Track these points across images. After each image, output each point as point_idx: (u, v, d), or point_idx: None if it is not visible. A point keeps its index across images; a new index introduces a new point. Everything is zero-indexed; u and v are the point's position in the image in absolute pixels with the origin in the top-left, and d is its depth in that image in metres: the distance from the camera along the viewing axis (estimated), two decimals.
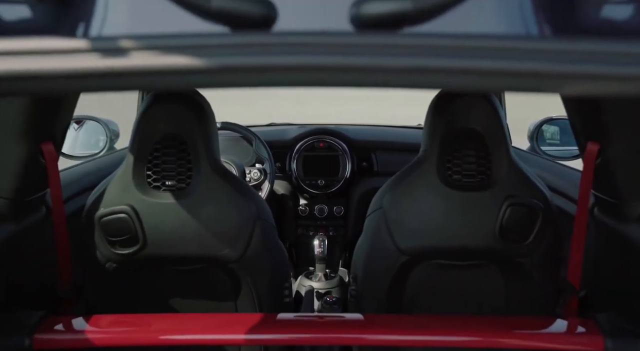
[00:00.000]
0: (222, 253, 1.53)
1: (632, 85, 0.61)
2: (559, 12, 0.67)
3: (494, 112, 1.47)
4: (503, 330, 1.42)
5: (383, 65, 0.62)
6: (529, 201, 1.48)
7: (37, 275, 1.50)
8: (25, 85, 0.67)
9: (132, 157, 1.47)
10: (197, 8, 0.61)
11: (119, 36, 0.66)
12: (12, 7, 0.67)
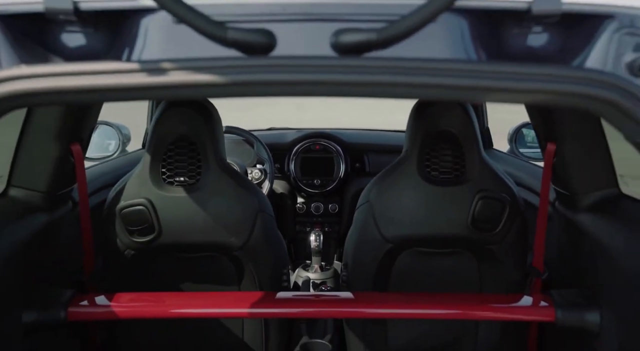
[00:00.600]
0: (227, 241, 1.73)
1: (533, 96, 0.83)
2: (486, 43, 0.88)
3: (467, 116, 1.67)
4: (476, 305, 1.62)
5: (354, 80, 0.83)
6: (497, 195, 1.68)
7: (65, 260, 1.70)
8: (83, 97, 0.88)
9: (149, 156, 1.67)
10: (216, 38, 0.82)
11: (156, 59, 0.87)
12: (76, 36, 0.88)
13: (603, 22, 0.86)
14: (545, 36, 0.90)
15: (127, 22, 0.89)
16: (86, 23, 0.87)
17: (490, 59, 0.89)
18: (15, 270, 1.40)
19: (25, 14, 0.86)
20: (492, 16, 0.89)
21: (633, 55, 0.85)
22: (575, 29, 0.88)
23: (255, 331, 1.85)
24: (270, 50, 0.83)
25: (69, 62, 0.87)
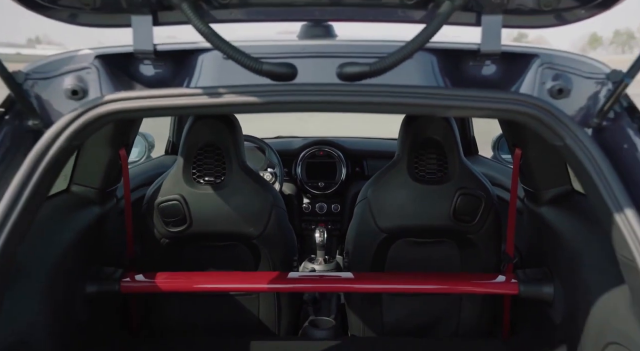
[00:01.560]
0: (247, 231, 2.05)
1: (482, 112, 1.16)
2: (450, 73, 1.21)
3: (449, 126, 2.00)
4: (457, 282, 1.94)
5: (353, 100, 1.16)
6: (475, 191, 2.00)
7: (113, 245, 2.02)
8: (157, 113, 1.21)
9: (182, 160, 2.00)
10: (254, 69, 1.14)
11: (209, 85, 1.20)
12: (152, 69, 1.21)
13: (531, 59, 1.20)
14: (491, 68, 1.23)
15: (189, 58, 1.22)
16: (160, 59, 1.21)
17: (452, 85, 1.22)
18: (78, 251, 1.73)
19: (119, 54, 1.20)
20: (453, 54, 1.22)
21: (551, 83, 1.18)
22: (512, 63, 1.21)
23: (269, 310, 2.17)
24: (293, 79, 1.16)
25: (147, 88, 1.20)
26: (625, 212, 1.08)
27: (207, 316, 2.15)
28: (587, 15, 1.14)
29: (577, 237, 1.65)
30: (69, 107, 1.18)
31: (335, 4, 1.21)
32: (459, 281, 1.95)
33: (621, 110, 1.17)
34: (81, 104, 1.17)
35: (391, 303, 2.17)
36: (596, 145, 1.14)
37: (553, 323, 1.72)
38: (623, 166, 1.13)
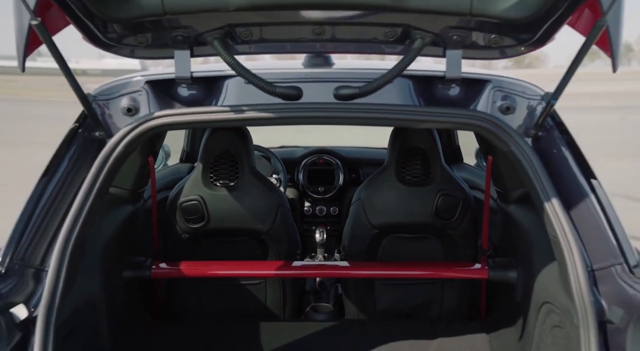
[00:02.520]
0: (256, 227, 2.36)
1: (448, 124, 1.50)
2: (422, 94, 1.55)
3: (431, 136, 2.32)
4: (438, 269, 2.26)
5: (346, 116, 1.49)
6: (453, 193, 2.32)
7: (142, 238, 2.34)
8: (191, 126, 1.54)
9: (201, 165, 2.32)
10: (269, 91, 1.46)
11: (234, 104, 1.53)
12: (188, 91, 1.55)
13: (485, 84, 1.53)
14: (455, 90, 1.57)
15: (218, 82, 1.55)
16: (195, 84, 1.54)
17: (424, 104, 1.55)
18: (117, 242, 2.05)
19: (163, 80, 1.53)
20: (424, 79, 1.56)
21: (501, 102, 1.51)
22: (471, 87, 1.55)
23: (275, 296, 2.48)
24: (299, 99, 1.49)
25: (185, 106, 1.53)
26: (552, 199, 1.41)
27: (221, 302, 2.45)
28: (525, 51, 1.48)
29: (532, 229, 1.97)
30: (125, 121, 1.51)
31: (333, 40, 1.55)
32: (440, 269, 2.27)
33: (553, 124, 1.51)
34: (134, 119, 1.51)
35: (382, 292, 2.48)
36: (533, 151, 1.47)
37: (517, 302, 2.04)
38: (552, 166, 1.46)
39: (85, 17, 1.38)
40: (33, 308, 1.35)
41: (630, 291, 1.34)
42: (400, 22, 1.46)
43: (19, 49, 1.35)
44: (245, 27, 1.49)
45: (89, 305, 1.67)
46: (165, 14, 1.37)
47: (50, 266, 1.39)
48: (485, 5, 1.35)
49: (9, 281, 1.40)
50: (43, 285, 1.40)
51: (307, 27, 1.51)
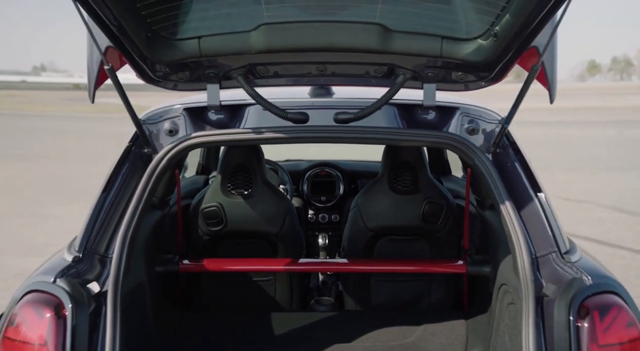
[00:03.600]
0: (267, 230, 2.73)
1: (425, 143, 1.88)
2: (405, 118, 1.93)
3: (419, 151, 2.69)
4: (426, 265, 2.62)
5: (343, 136, 1.88)
6: (438, 200, 2.68)
7: (167, 239, 2.70)
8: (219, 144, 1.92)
9: (219, 176, 2.69)
10: (282, 116, 1.84)
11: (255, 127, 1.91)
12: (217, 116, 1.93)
13: (455, 110, 1.92)
14: (431, 115, 1.95)
15: (241, 109, 1.94)
16: (223, 110, 1.93)
17: (406, 126, 1.93)
18: (151, 242, 2.41)
19: (198, 107, 1.92)
20: (406, 106, 1.94)
21: (467, 125, 1.90)
22: (444, 112, 1.93)
23: (283, 291, 2.84)
24: (306, 122, 1.87)
25: (215, 128, 1.92)
26: (506, 202, 1.78)
27: (236, 295, 2.81)
28: (485, 86, 1.87)
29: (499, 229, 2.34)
30: (168, 141, 1.90)
31: (333, 75, 1.94)
32: (426, 265, 2.63)
33: (507, 143, 1.89)
34: (175, 139, 1.89)
35: (377, 287, 2.84)
36: (492, 164, 1.85)
37: (489, 291, 2.40)
38: (507, 176, 1.83)
39: (140, 60, 1.77)
40: (102, 285, 1.72)
41: (560, 271, 1.71)
42: (386, 62, 1.85)
43: (90, 85, 1.74)
44: (263, 65, 1.87)
45: (138, 288, 2.04)
46: (201, 56, 1.76)
47: (114, 255, 1.76)
48: (452, 50, 1.74)
49: (85, 265, 1.77)
50: (107, 268, 1.77)
51: (313, 65, 1.89)
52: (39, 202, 8.68)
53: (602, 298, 1.56)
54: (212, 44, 1.75)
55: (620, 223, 7.31)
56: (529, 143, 10.92)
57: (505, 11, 1.59)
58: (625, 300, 1.58)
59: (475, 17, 1.70)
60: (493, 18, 1.65)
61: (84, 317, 1.59)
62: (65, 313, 1.57)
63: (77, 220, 6.97)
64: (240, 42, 1.75)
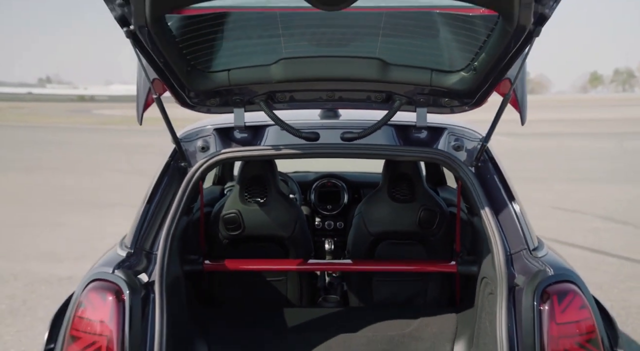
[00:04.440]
0: (280, 234, 3.06)
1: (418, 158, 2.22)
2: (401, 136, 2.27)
3: (415, 164, 3.03)
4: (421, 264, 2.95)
5: (348, 152, 2.22)
6: (432, 208, 3.01)
7: (191, 242, 3.04)
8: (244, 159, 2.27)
9: (238, 186, 3.03)
10: (297, 135, 2.18)
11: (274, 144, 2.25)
12: (242, 135, 2.28)
13: (443, 130, 2.26)
14: (423, 134, 2.29)
15: (262, 129, 2.29)
16: (247, 130, 2.27)
17: (402, 144, 2.28)
18: (180, 243, 2.75)
19: (226, 127, 2.27)
20: (402, 126, 2.28)
21: (453, 143, 2.24)
22: (434, 132, 2.27)
23: (294, 289, 3.16)
24: (317, 140, 2.21)
25: (240, 146, 2.26)
26: (486, 208, 2.12)
27: (252, 293, 3.14)
28: (469, 109, 2.21)
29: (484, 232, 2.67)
30: (201, 156, 2.24)
31: (340, 100, 2.28)
32: (421, 265, 2.96)
33: (487, 158, 2.23)
34: (207, 155, 2.24)
35: (378, 286, 3.16)
36: (475, 176, 2.19)
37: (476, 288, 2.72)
38: (486, 186, 2.17)
39: (180, 89, 2.12)
40: (149, 276, 2.05)
41: (529, 265, 2.04)
42: (385, 90, 2.20)
43: (139, 109, 2.09)
44: (281, 92, 2.22)
45: (175, 281, 2.37)
46: (230, 86, 2.11)
47: (159, 251, 2.10)
48: (440, 80, 2.09)
49: (135, 259, 2.11)
50: (153, 263, 2.10)
51: (323, 92, 2.24)
52: (52, 212, 9.02)
53: (561, 286, 1.89)
54: (239, 75, 2.11)
55: (612, 232, 7.62)
56: (529, 154, 11.68)
57: (482, 50, 1.93)
58: (580, 287, 1.92)
59: (458, 53, 2.05)
60: (472, 55, 2.00)
61: (138, 301, 1.93)
62: (123, 297, 1.91)
63: (90, 228, 7.56)
64: (263, 73, 2.11)
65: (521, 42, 1.82)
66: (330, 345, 2.59)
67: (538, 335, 1.84)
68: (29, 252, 6.58)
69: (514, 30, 1.72)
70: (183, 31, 1.92)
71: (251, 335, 2.69)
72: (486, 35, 1.91)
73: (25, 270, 5.87)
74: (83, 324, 1.90)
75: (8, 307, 4.84)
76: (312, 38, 2.08)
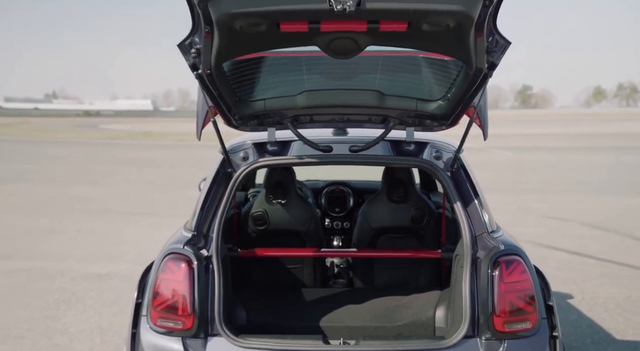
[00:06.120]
0: (298, 229, 3.74)
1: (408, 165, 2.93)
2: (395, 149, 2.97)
3: (409, 172, 3.72)
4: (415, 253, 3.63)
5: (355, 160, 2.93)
6: (423, 207, 3.70)
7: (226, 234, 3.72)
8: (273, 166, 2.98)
9: (264, 190, 3.73)
10: (315, 148, 2.88)
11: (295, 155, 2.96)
12: (271, 150, 2.98)
13: (427, 144, 2.97)
14: (410, 146, 3.00)
15: (289, 144, 2.99)
16: (277, 144, 2.98)
17: (395, 155, 2.98)
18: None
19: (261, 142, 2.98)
20: (395, 141, 2.99)
21: (435, 153, 2.94)
22: (419, 145, 2.98)
23: (309, 274, 3.84)
24: (331, 152, 2.92)
25: (272, 156, 2.97)
26: (458, 203, 2.81)
27: (274, 277, 3.82)
28: (445, 129, 2.91)
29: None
30: (243, 164, 2.95)
31: (348, 121, 2.99)
32: (414, 253, 3.65)
33: (459, 165, 2.93)
34: (247, 163, 2.94)
35: (379, 272, 3.84)
36: (450, 179, 2.88)
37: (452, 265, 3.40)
38: (459, 187, 2.87)
39: (228, 113, 2.83)
40: (208, 252, 2.75)
41: (488, 243, 2.72)
42: (382, 114, 2.91)
43: (198, 127, 2.81)
44: (304, 115, 2.93)
45: (224, 259, 3.04)
46: (265, 111, 2.83)
47: (214, 234, 2.80)
48: (423, 107, 2.80)
49: (197, 239, 2.80)
50: (209, 242, 2.80)
51: (335, 115, 2.96)
52: (75, 220, 9.69)
53: (508, 257, 2.58)
54: (272, 103, 2.82)
55: (596, 238, 8.27)
56: (530, 167, 12.81)
57: (453, 86, 2.64)
58: (522, 258, 2.60)
59: (436, 87, 2.77)
60: (446, 88, 2.71)
61: (202, 269, 2.62)
62: (192, 265, 2.60)
63: (114, 233, 8.58)
64: (290, 102, 2.82)
65: (479, 81, 2.52)
66: (339, 313, 3.26)
67: (491, 291, 2.52)
68: (65, 255, 7.27)
69: (474, 72, 2.42)
70: (233, 72, 2.64)
71: (277, 305, 3.37)
72: (456, 75, 2.62)
73: (67, 268, 6.58)
74: (164, 284, 2.60)
75: (61, 297, 5.55)
76: (327, 76, 2.80)
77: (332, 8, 1.92)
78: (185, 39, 2.28)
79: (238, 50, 2.41)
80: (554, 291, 5.62)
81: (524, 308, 2.54)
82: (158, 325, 2.60)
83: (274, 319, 3.15)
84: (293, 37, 2.24)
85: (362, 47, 2.30)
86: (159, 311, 2.60)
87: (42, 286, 5.90)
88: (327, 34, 2.18)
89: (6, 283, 6.04)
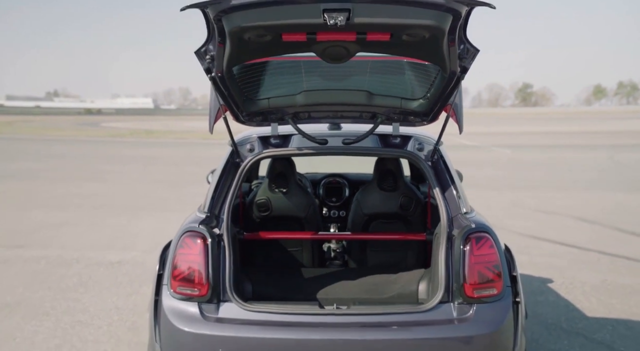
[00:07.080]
0: (298, 215, 4.17)
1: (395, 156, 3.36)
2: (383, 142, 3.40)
3: (398, 162, 4.14)
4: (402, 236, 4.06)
5: (347, 151, 3.36)
6: (410, 196, 4.12)
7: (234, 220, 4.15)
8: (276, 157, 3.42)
9: (267, 179, 4.16)
10: (312, 141, 3.30)
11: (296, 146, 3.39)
12: (275, 141, 3.42)
13: (410, 137, 3.40)
14: (397, 140, 3.43)
15: (289, 137, 3.42)
16: (279, 137, 3.41)
17: (383, 146, 3.41)
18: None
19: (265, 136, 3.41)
20: (382, 135, 3.42)
21: (417, 145, 3.37)
22: (404, 138, 3.41)
23: (308, 256, 4.27)
24: (326, 144, 3.35)
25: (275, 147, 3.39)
26: (437, 189, 3.24)
27: (277, 259, 4.25)
28: (427, 124, 3.34)
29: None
30: (249, 155, 3.38)
31: (342, 117, 3.42)
32: (401, 236, 4.08)
33: (438, 156, 3.36)
34: (253, 154, 3.37)
35: (371, 254, 4.26)
36: (431, 168, 3.31)
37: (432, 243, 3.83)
38: (438, 175, 3.30)
39: (237, 110, 3.26)
40: (220, 230, 3.17)
41: (462, 223, 3.14)
42: (371, 111, 3.34)
43: (210, 122, 3.24)
44: (303, 112, 3.36)
45: (233, 238, 3.46)
46: (269, 108, 3.26)
47: (224, 216, 3.22)
48: (407, 105, 3.23)
49: (209, 220, 3.22)
50: (220, 223, 3.22)
51: (330, 112, 3.39)
52: (87, 214, 10.11)
53: (478, 234, 3.00)
54: (275, 102, 3.25)
55: (581, 230, 8.70)
56: (526, 165, 13.58)
57: (432, 87, 3.07)
58: (490, 235, 3.03)
59: (418, 88, 3.20)
60: (427, 89, 3.14)
61: (215, 245, 3.05)
62: (207, 242, 3.03)
63: (124, 226, 9.19)
64: (291, 100, 3.25)
65: (454, 82, 2.94)
66: (334, 287, 3.69)
67: (462, 263, 2.95)
68: (79, 245, 7.71)
69: (449, 75, 2.84)
70: (242, 74, 3.07)
71: (280, 281, 3.80)
72: (434, 77, 3.05)
73: (83, 256, 7.03)
74: (182, 257, 3.03)
75: (78, 281, 5.99)
76: (323, 78, 3.23)
77: (326, 22, 2.34)
78: (201, 47, 2.70)
79: (246, 56, 2.84)
80: (537, 277, 6.11)
81: (491, 278, 2.97)
82: (177, 292, 3.03)
83: (277, 292, 3.58)
84: (293, 45, 2.66)
85: (352, 54, 2.73)
86: (178, 281, 3.03)
87: (60, 272, 6.35)
88: (323, 43, 2.60)
89: (27, 269, 6.49)
